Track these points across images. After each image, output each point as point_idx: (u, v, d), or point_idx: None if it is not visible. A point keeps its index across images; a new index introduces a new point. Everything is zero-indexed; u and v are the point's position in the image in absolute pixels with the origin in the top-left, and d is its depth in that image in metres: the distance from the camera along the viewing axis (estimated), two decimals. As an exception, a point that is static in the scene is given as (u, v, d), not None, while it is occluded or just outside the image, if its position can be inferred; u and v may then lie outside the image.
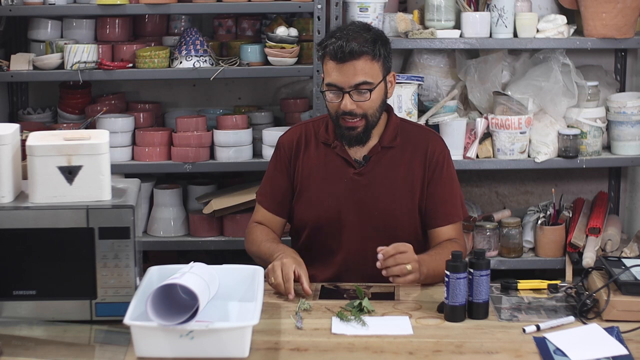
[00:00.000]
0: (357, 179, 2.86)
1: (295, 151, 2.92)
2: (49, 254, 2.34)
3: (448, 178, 2.89)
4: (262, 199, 2.98)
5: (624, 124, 3.76)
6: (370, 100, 2.76)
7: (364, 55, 2.73)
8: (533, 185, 4.23)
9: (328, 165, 2.88)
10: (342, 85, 2.74)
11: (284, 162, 2.93)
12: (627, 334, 2.34)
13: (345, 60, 2.72)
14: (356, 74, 2.73)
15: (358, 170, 2.86)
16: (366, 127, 2.80)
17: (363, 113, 2.77)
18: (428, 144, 2.90)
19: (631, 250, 3.72)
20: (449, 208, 2.88)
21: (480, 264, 2.42)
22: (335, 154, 2.88)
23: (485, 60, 3.82)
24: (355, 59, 2.72)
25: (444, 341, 2.31)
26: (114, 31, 3.88)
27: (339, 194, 2.86)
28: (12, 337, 2.31)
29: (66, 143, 2.35)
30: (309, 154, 2.91)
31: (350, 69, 2.73)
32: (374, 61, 2.75)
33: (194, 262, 2.39)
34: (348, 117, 2.77)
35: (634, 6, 3.65)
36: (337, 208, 2.86)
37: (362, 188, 2.86)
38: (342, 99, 2.75)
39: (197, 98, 4.19)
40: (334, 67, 2.75)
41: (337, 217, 2.86)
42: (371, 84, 2.74)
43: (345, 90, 2.74)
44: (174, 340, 2.15)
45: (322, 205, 2.87)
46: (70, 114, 3.93)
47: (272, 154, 2.99)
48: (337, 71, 2.74)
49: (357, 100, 2.75)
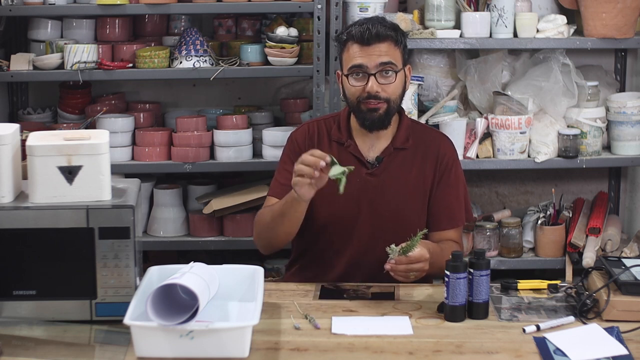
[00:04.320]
0: (370, 179, 2.86)
1: (310, 147, 2.90)
2: (49, 254, 2.34)
3: (455, 182, 2.90)
4: (275, 191, 2.91)
5: (624, 124, 3.76)
6: (394, 85, 2.78)
7: (389, 39, 2.78)
8: (533, 185, 4.23)
9: (341, 164, 2.88)
10: (368, 66, 2.76)
11: (298, 156, 2.91)
12: (627, 334, 2.34)
13: (371, 42, 2.76)
14: (381, 55, 2.77)
15: (371, 170, 2.87)
16: (387, 111, 2.81)
17: (387, 97, 2.78)
18: (439, 147, 2.91)
19: (631, 250, 3.72)
20: (452, 212, 2.88)
21: (480, 264, 2.42)
22: (348, 152, 2.88)
23: (485, 60, 3.82)
24: (380, 41, 2.77)
25: (444, 341, 2.31)
26: (114, 31, 3.88)
27: (351, 194, 2.85)
28: (12, 337, 2.31)
29: (66, 143, 2.35)
30: (322, 151, 2.90)
31: (375, 51, 2.77)
32: (397, 47, 2.80)
33: (194, 262, 2.39)
34: (372, 100, 2.78)
35: (634, 6, 3.65)
36: (348, 208, 2.86)
37: (374, 189, 2.86)
38: (368, 81, 2.77)
39: (197, 98, 4.19)
40: (358, 50, 2.77)
41: (347, 216, 2.86)
42: (395, 66, 2.78)
43: (371, 72, 2.76)
44: (174, 340, 2.15)
45: (333, 204, 2.86)
46: (70, 114, 3.93)
47: (284, 149, 2.97)
48: (362, 53, 2.77)
49: (382, 82, 2.77)
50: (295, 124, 3.89)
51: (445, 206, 2.88)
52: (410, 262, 2.54)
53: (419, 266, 2.56)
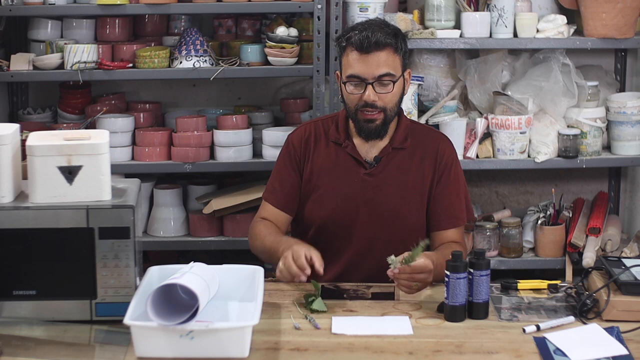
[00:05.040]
0: (368, 179, 2.86)
1: (306, 149, 2.91)
2: (49, 254, 2.34)
3: (455, 181, 2.89)
4: (269, 196, 2.95)
5: (624, 124, 3.76)
6: (392, 94, 2.78)
7: (388, 47, 2.75)
8: (533, 185, 4.23)
9: (339, 164, 2.88)
10: (366, 77, 2.75)
11: (294, 159, 2.92)
12: (627, 334, 2.34)
13: (370, 50, 2.73)
14: (380, 65, 2.74)
15: (369, 170, 2.87)
16: (384, 121, 2.80)
17: (383, 106, 2.78)
18: (438, 146, 2.91)
19: (631, 250, 3.72)
20: (453, 211, 2.88)
21: (480, 264, 2.42)
22: (346, 153, 2.88)
23: (485, 60, 3.82)
24: (379, 49, 2.74)
25: (444, 341, 2.31)
26: (114, 31, 3.88)
27: (349, 194, 2.86)
28: (12, 337, 2.31)
29: (66, 143, 2.35)
30: (320, 152, 2.91)
31: (374, 60, 2.74)
32: (396, 54, 2.77)
33: (194, 262, 2.39)
34: (368, 109, 2.77)
35: (634, 6, 3.65)
36: (347, 208, 2.86)
37: (373, 189, 2.86)
38: (365, 90, 2.76)
39: (197, 98, 4.19)
40: (357, 58, 2.75)
41: (346, 217, 2.86)
42: (393, 76, 2.76)
43: (369, 82, 2.75)
44: (174, 340, 2.15)
45: (331, 204, 2.86)
46: (70, 114, 3.93)
47: (281, 152, 2.98)
48: (360, 62, 2.75)
49: (380, 92, 2.76)
50: (295, 124, 3.89)
51: (445, 205, 2.88)
52: (413, 271, 2.52)
53: (422, 277, 2.53)
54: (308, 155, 2.91)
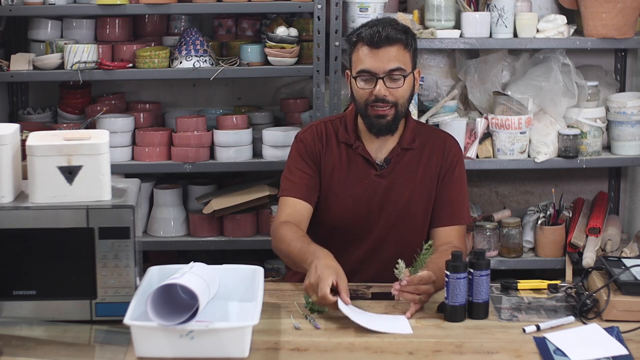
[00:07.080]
0: (379, 180, 2.86)
1: (319, 148, 2.89)
2: (49, 254, 2.34)
3: (458, 180, 2.89)
4: (288, 191, 2.85)
5: (624, 124, 3.76)
6: (402, 89, 2.77)
7: (399, 43, 2.76)
8: (533, 185, 4.23)
9: (350, 165, 2.87)
10: (377, 71, 2.75)
11: (310, 154, 2.88)
12: (627, 334, 2.34)
13: (381, 45, 2.74)
14: (390, 60, 2.75)
15: (379, 172, 2.86)
16: (395, 117, 2.80)
17: (394, 101, 2.77)
18: (445, 144, 2.91)
19: (631, 250, 3.72)
20: (454, 209, 2.87)
21: (480, 264, 2.42)
22: (357, 154, 2.87)
23: (485, 60, 3.82)
24: (390, 44, 2.74)
25: (444, 341, 2.31)
26: (114, 31, 3.88)
27: (360, 195, 2.85)
28: (12, 337, 2.31)
29: (66, 143, 2.35)
30: (331, 153, 2.89)
31: (385, 55, 2.74)
32: (406, 50, 2.78)
33: (194, 262, 2.39)
34: (379, 104, 2.77)
35: (634, 6, 3.65)
36: (358, 209, 2.85)
37: (383, 190, 2.86)
38: (375, 85, 2.75)
39: (197, 98, 4.18)
40: (367, 53, 2.76)
41: (357, 218, 2.86)
42: (404, 71, 2.76)
43: (379, 76, 2.75)
44: (174, 340, 2.15)
45: (342, 205, 2.86)
46: (70, 114, 3.93)
47: (291, 151, 2.93)
48: (371, 57, 2.75)
49: (390, 86, 2.76)
50: (295, 124, 3.89)
51: (447, 202, 2.87)
52: (419, 282, 2.47)
53: (425, 288, 2.48)
54: (321, 154, 2.88)
